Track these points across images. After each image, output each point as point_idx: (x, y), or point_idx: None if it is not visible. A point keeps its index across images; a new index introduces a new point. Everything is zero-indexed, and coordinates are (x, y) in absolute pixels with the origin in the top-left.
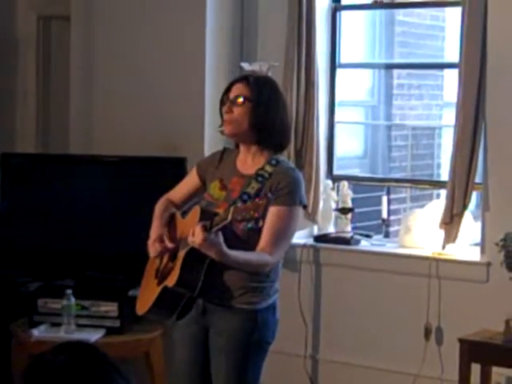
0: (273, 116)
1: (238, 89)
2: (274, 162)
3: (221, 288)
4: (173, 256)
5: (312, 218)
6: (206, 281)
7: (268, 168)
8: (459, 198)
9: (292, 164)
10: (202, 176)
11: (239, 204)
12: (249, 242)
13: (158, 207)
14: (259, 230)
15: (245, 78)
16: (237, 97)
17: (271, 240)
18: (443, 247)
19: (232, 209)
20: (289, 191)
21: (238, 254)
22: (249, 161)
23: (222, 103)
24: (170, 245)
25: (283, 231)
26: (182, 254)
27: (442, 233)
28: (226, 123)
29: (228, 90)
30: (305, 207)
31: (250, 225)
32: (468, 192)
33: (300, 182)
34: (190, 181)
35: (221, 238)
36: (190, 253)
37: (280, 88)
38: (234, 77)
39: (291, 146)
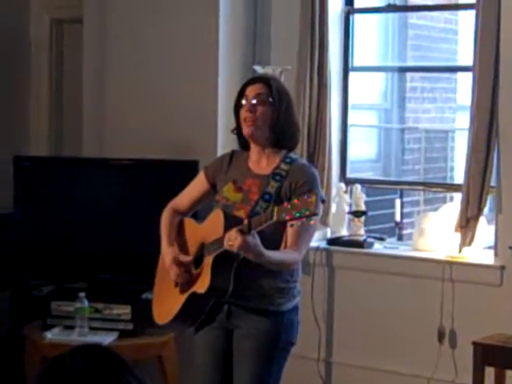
0: (291, 120)
1: (258, 88)
2: (288, 160)
3: (249, 290)
4: (196, 262)
5: (324, 221)
6: (234, 284)
7: (284, 166)
8: (474, 202)
9: (305, 161)
10: (211, 180)
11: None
12: (275, 241)
13: (164, 223)
14: (282, 229)
15: (262, 80)
16: (259, 95)
17: (297, 237)
18: (459, 250)
19: (276, 208)
20: (309, 188)
21: (271, 253)
22: (263, 161)
23: (239, 106)
24: (187, 258)
25: (306, 228)
26: (209, 259)
27: (457, 236)
28: (247, 123)
29: (242, 92)
30: (323, 202)
31: (299, 223)
32: (483, 195)
33: (317, 178)
34: (198, 186)
35: (258, 240)
36: (218, 257)
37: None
38: (247, 80)
39: (304, 149)
